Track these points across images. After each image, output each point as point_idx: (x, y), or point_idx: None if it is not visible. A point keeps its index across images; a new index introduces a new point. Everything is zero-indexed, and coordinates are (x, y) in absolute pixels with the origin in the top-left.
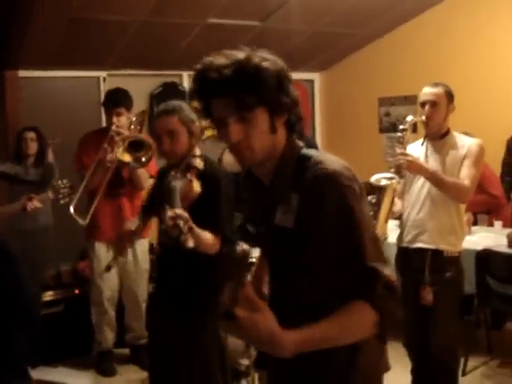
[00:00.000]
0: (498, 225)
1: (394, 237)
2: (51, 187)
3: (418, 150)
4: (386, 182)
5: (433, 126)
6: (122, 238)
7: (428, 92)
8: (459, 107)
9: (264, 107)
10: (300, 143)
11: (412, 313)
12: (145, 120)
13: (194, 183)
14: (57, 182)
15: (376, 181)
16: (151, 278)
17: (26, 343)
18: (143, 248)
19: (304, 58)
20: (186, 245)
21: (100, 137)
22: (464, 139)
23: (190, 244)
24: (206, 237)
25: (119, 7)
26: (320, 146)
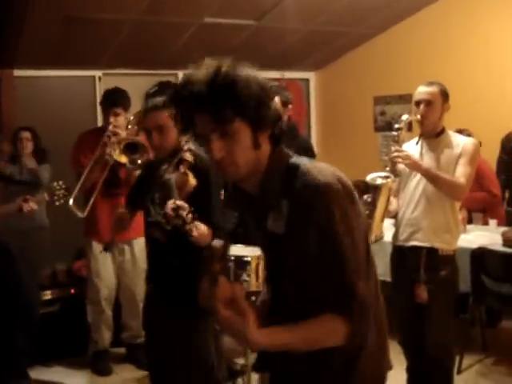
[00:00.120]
0: (492, 223)
1: (389, 235)
2: (47, 188)
3: (413, 148)
4: (382, 181)
5: (428, 125)
6: (119, 218)
7: (423, 91)
8: (454, 106)
9: (245, 122)
10: (289, 152)
11: (407, 311)
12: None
13: (190, 176)
14: (53, 184)
15: (371, 180)
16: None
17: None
18: (141, 247)
19: (299, 57)
20: (191, 234)
21: (97, 136)
22: (459, 138)
23: (195, 233)
24: (203, 228)
25: (114, 6)
26: (315, 145)
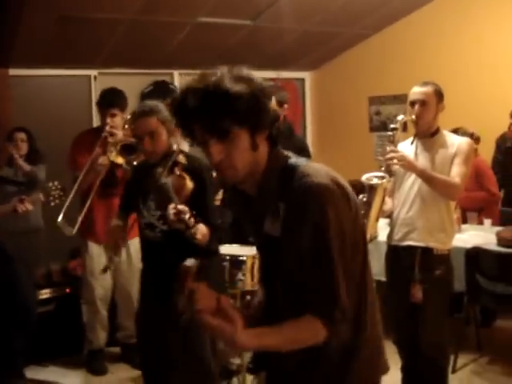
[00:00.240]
0: (487, 223)
1: (384, 235)
2: (42, 189)
3: (408, 148)
4: (377, 181)
5: (422, 125)
6: (113, 236)
7: (417, 91)
8: (449, 106)
9: (243, 128)
10: (287, 153)
11: (402, 310)
12: None
13: (187, 180)
14: (48, 184)
15: (367, 180)
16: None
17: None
18: (136, 247)
19: (295, 57)
20: (196, 237)
21: (94, 136)
22: (453, 138)
23: (199, 236)
24: (204, 229)
25: (109, 6)
26: (311, 145)
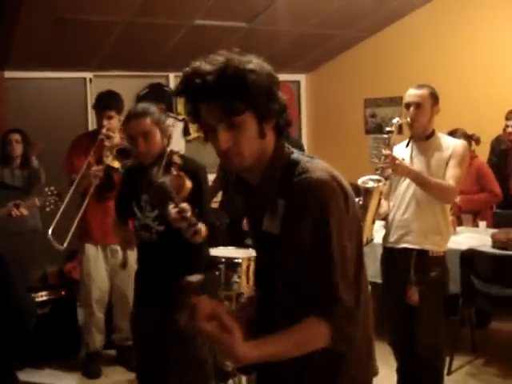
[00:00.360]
0: (482, 225)
1: (379, 237)
2: (38, 194)
3: (403, 151)
4: (373, 185)
5: (417, 128)
6: (126, 236)
7: (413, 94)
8: (444, 108)
9: (252, 113)
10: (290, 148)
11: (397, 312)
12: None
13: (186, 179)
14: (44, 189)
15: (362, 183)
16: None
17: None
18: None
19: (290, 59)
20: (199, 235)
21: (91, 139)
22: (449, 140)
23: (203, 234)
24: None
25: (105, 8)
26: (306, 147)
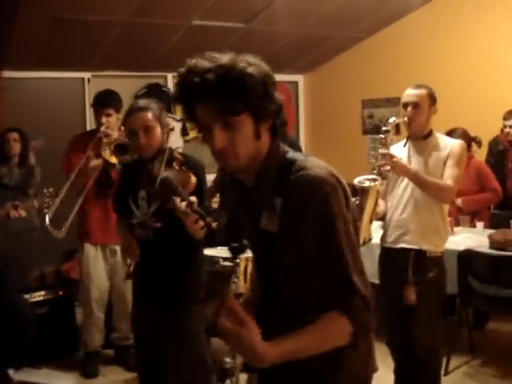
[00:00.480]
0: (479, 226)
1: (377, 237)
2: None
3: (401, 151)
4: (369, 184)
5: (415, 127)
6: (128, 244)
7: (411, 93)
8: (441, 109)
9: (249, 113)
10: (285, 148)
11: (395, 312)
12: None
13: (191, 174)
14: (43, 191)
15: (359, 183)
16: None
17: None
18: None
19: (288, 60)
20: (211, 227)
21: (89, 138)
22: (446, 140)
23: (214, 226)
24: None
25: (103, 8)
26: (304, 148)
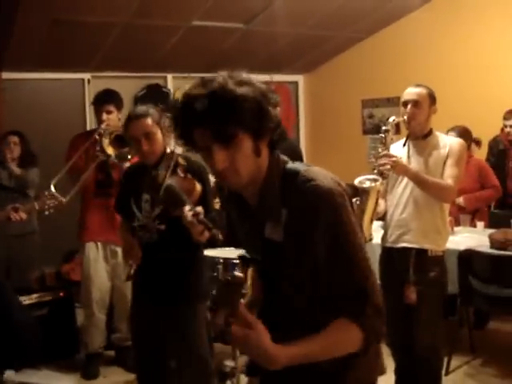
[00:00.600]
0: (480, 225)
1: (378, 237)
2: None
3: (401, 150)
4: (370, 184)
5: (415, 126)
6: (130, 246)
7: (411, 92)
8: (441, 109)
9: (247, 133)
10: (284, 158)
11: (396, 312)
12: None
13: (196, 182)
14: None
15: (359, 183)
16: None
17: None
18: None
19: (288, 60)
20: (217, 238)
21: (90, 138)
22: (446, 139)
23: (221, 236)
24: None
25: (103, 9)
26: (304, 148)
